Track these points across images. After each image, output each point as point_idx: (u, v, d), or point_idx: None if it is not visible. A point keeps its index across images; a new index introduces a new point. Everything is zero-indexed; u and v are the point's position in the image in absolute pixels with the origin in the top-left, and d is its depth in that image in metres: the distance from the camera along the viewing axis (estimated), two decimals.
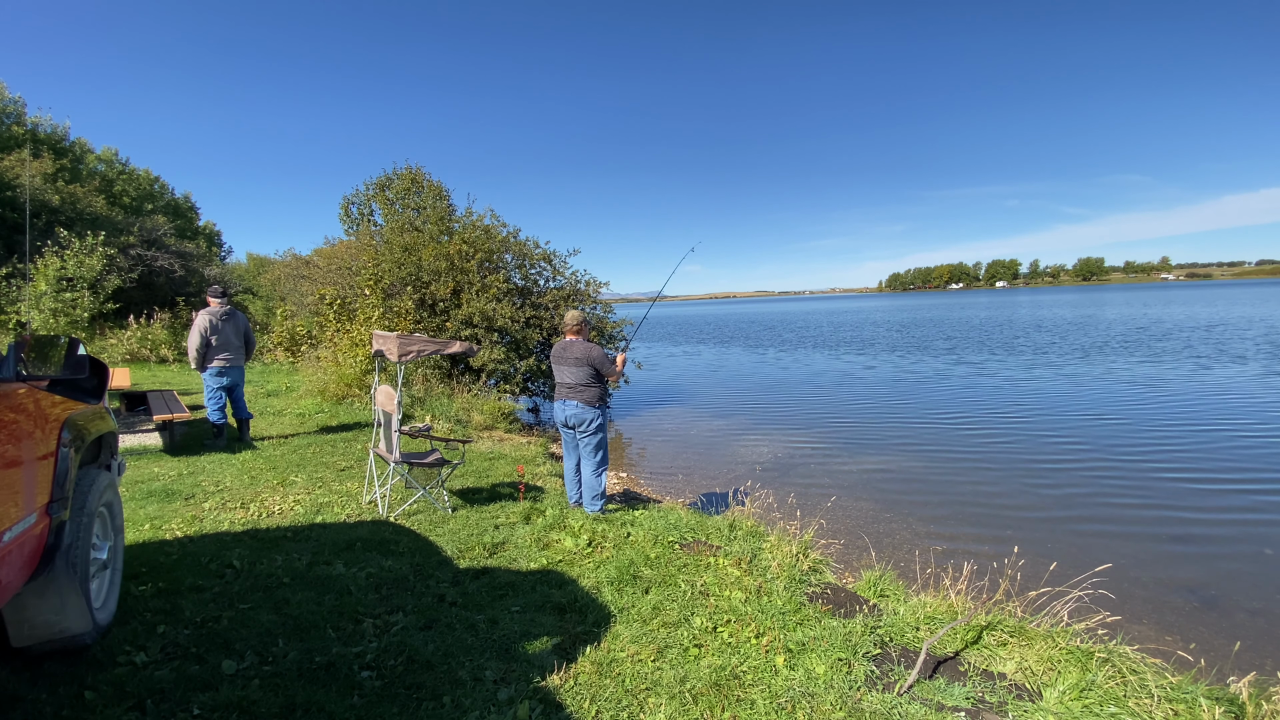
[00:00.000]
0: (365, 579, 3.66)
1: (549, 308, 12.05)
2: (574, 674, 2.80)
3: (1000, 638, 3.27)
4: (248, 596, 3.35)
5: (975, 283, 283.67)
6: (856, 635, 3.21)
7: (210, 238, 39.50)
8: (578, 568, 4.03)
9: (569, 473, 5.35)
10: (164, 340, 15.49)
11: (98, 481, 2.80)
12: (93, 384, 2.96)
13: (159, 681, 2.51)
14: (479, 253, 11.94)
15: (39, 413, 2.38)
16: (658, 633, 3.22)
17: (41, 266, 14.03)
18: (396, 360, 4.90)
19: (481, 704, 2.54)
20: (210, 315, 6.82)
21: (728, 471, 8.44)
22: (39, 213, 17.50)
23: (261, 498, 5.20)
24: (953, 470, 8.21)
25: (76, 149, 27.57)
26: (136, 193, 31.18)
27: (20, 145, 21.15)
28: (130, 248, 18.20)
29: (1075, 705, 2.69)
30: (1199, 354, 18.52)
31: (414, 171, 18.29)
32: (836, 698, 2.71)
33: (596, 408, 5.06)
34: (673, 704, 2.63)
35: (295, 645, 2.88)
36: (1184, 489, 7.17)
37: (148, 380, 11.78)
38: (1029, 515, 6.55)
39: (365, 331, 10.53)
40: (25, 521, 2.16)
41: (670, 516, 5.07)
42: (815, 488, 7.51)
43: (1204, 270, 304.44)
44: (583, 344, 5.09)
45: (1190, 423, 10.30)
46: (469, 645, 2.99)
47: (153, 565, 3.68)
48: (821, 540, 5.22)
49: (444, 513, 5.06)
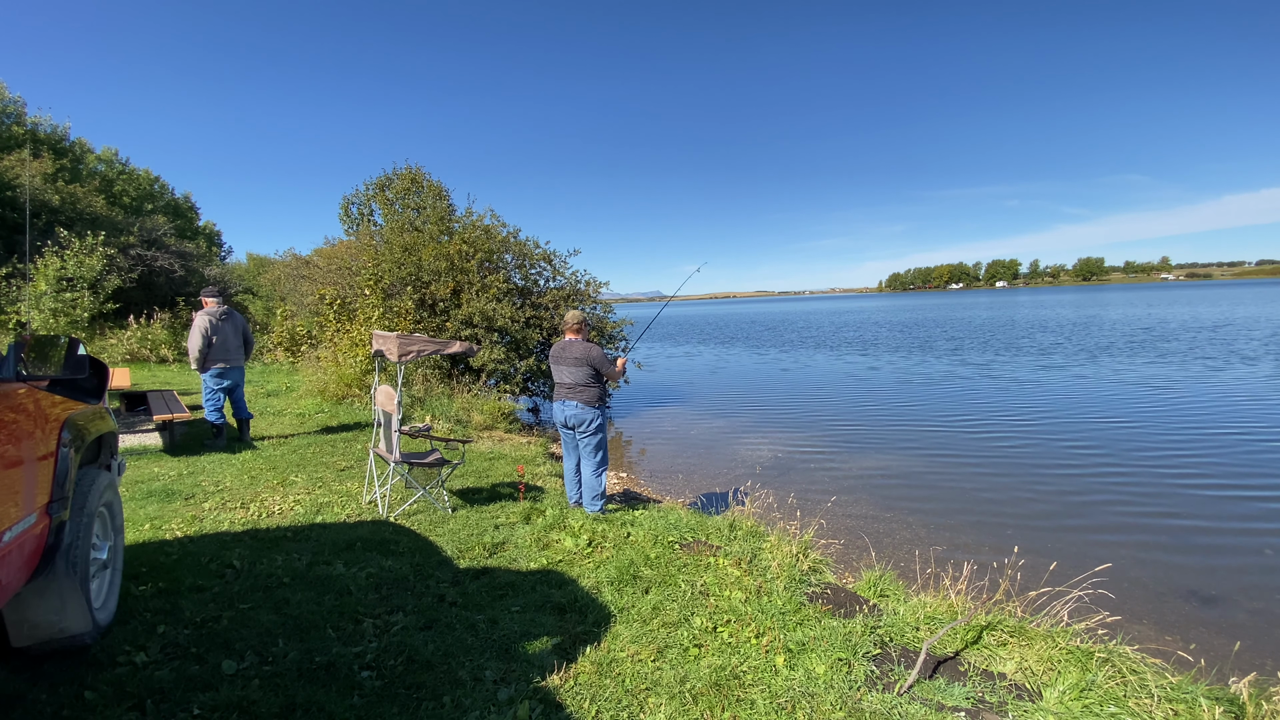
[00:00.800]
0: (365, 579, 3.66)
1: (549, 308, 12.05)
2: (574, 674, 2.80)
3: (1000, 638, 3.27)
4: (248, 596, 3.35)
5: (975, 283, 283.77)
6: (856, 635, 3.21)
7: (210, 238, 39.51)
8: (578, 568, 4.03)
9: (569, 473, 5.35)
10: (164, 340, 15.49)
11: (98, 481, 2.80)
12: (93, 384, 2.96)
13: (159, 681, 2.51)
14: (479, 253, 11.94)
15: (39, 413, 2.38)
16: (658, 633, 3.22)
17: (41, 266, 14.03)
18: (396, 360, 4.90)
19: (481, 704, 2.54)
20: (210, 316, 6.80)
21: (728, 471, 8.44)
22: (39, 213, 17.50)
23: (261, 498, 5.20)
24: (952, 470, 8.21)
25: (76, 149, 27.57)
26: (136, 193, 31.19)
27: (20, 145, 21.16)
28: (130, 248, 18.20)
29: (1075, 705, 2.69)
30: (1207, 355, 18.37)
31: (414, 171, 18.28)
32: (836, 698, 2.71)
33: (596, 408, 5.06)
34: (673, 704, 2.63)
35: (295, 645, 2.88)
36: (1184, 489, 7.16)
37: (148, 380, 11.78)
38: (1029, 515, 6.55)
39: (365, 331, 10.53)
40: (25, 521, 2.16)
41: (670, 516, 5.07)
42: (815, 488, 7.51)
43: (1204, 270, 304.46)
44: (582, 344, 5.08)
45: (1191, 423, 10.30)
46: (469, 645, 2.99)
47: (153, 565, 3.68)
48: (821, 540, 5.22)
49: (444, 513, 5.06)
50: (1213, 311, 39.63)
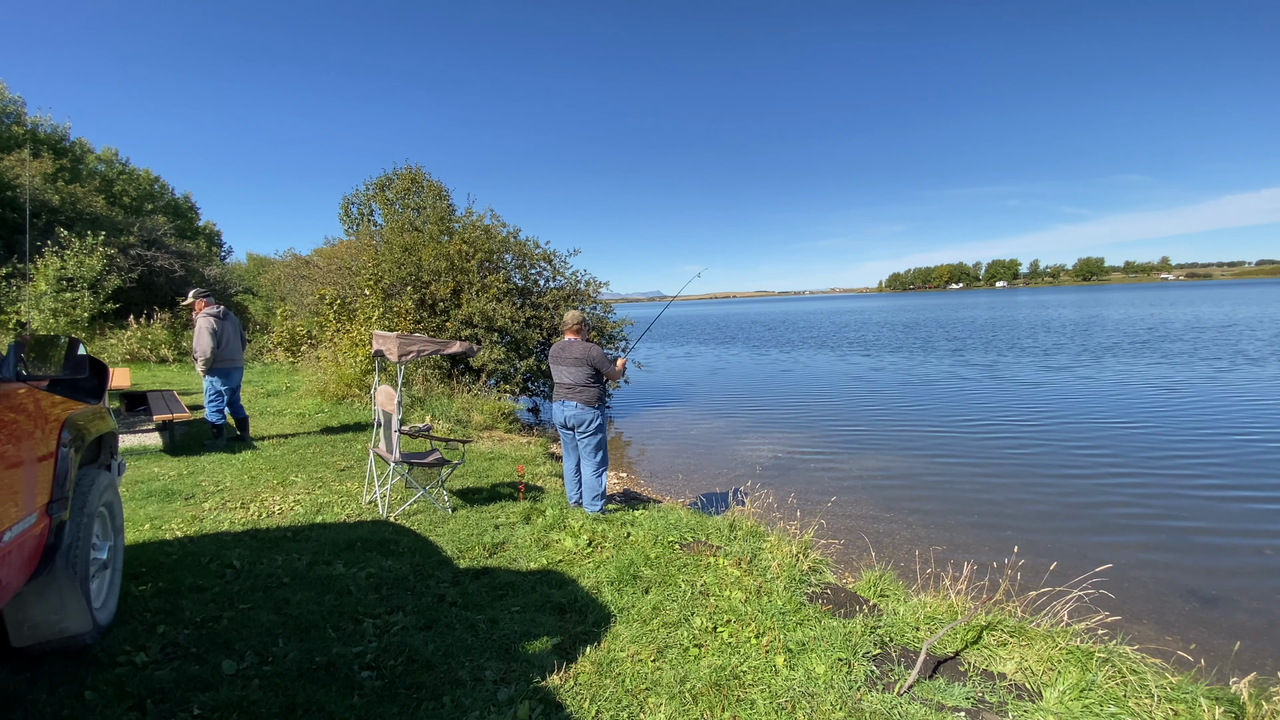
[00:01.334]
0: (365, 579, 3.66)
1: (549, 308, 12.05)
2: (574, 674, 2.80)
3: (1000, 638, 3.27)
4: (248, 596, 3.35)
5: (975, 283, 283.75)
6: (856, 635, 3.21)
7: (210, 238, 39.51)
8: (578, 568, 4.03)
9: (569, 473, 5.34)
10: (164, 340, 15.48)
11: (98, 481, 2.80)
12: (93, 384, 2.96)
13: (159, 681, 2.51)
14: (479, 253, 11.94)
15: (39, 413, 2.38)
16: (658, 633, 3.22)
17: (41, 266, 14.03)
18: (396, 360, 4.90)
19: (481, 704, 2.54)
20: (213, 317, 6.81)
21: (728, 471, 8.44)
22: (39, 213, 17.50)
23: (261, 498, 5.20)
24: (953, 471, 8.21)
25: (76, 149, 27.57)
26: (136, 193, 31.19)
27: (20, 145, 21.16)
28: (130, 248, 18.19)
29: (1075, 705, 2.69)
30: (1213, 356, 18.25)
31: (414, 171, 18.29)
32: (836, 698, 2.71)
33: (596, 408, 5.05)
34: (673, 704, 2.63)
35: (295, 645, 2.88)
36: (1184, 489, 7.16)
37: (148, 380, 11.78)
38: (1029, 515, 6.55)
39: (365, 331, 10.53)
40: (25, 521, 2.16)
41: (670, 516, 5.07)
42: (815, 488, 7.51)
43: (1204, 270, 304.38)
44: (582, 344, 5.08)
45: (1192, 424, 10.30)
46: (469, 645, 2.99)
47: (153, 565, 3.68)
48: (821, 540, 5.23)
49: (444, 513, 5.06)
50: (1216, 312, 39.53)
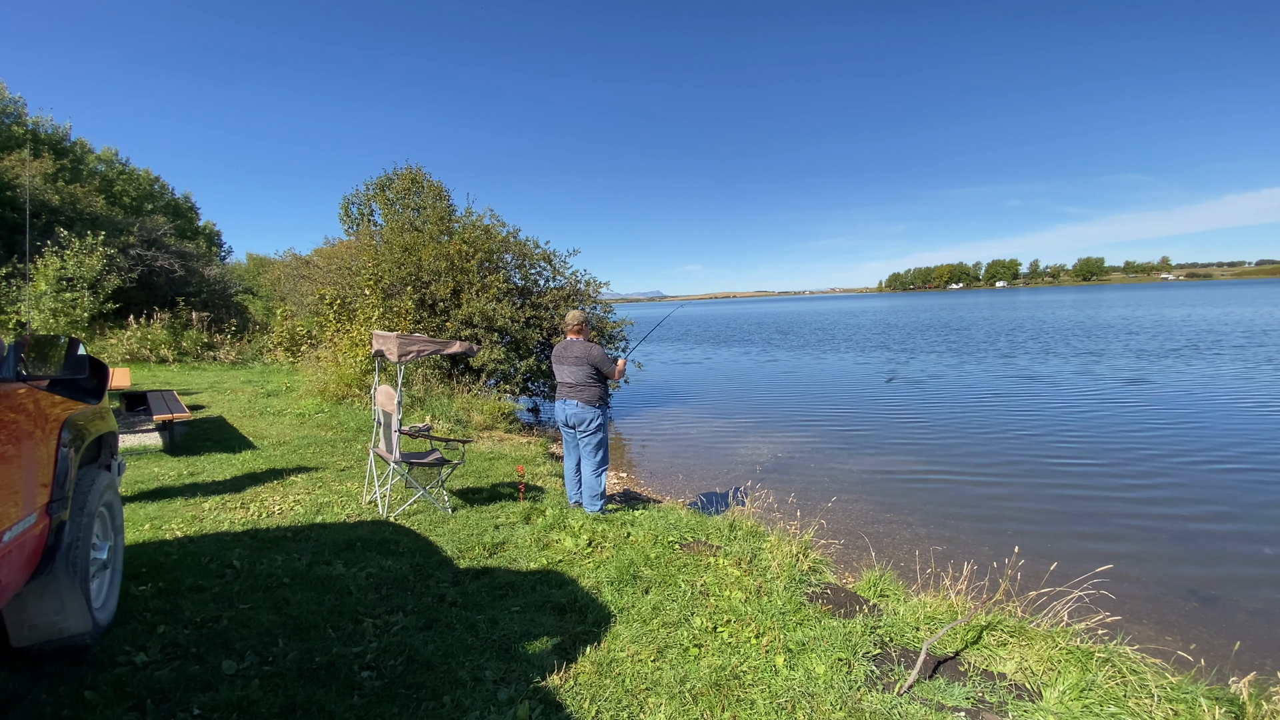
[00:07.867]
0: (365, 579, 3.66)
1: (549, 308, 12.05)
2: (574, 674, 2.80)
3: (1000, 638, 3.27)
4: (248, 596, 3.35)
5: (975, 283, 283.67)
6: (856, 635, 3.21)
7: (210, 238, 39.49)
8: (578, 568, 4.03)
9: (569, 472, 5.35)
10: (164, 340, 15.48)
11: (98, 481, 2.80)
12: (93, 384, 2.96)
13: (159, 681, 2.51)
14: (479, 253, 11.94)
15: (39, 413, 2.38)
16: (658, 633, 3.22)
17: (41, 266, 14.03)
18: (396, 360, 4.90)
19: (481, 704, 2.54)
20: None
21: (728, 471, 8.44)
22: (39, 213, 17.49)
23: (261, 498, 5.20)
24: (953, 471, 8.20)
25: (77, 149, 27.56)
26: (136, 193, 31.17)
27: (20, 145, 21.15)
28: (130, 248, 18.18)
29: (1075, 705, 2.69)
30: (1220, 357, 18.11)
31: (414, 171, 18.28)
32: (836, 698, 2.71)
33: (597, 407, 5.07)
34: (673, 704, 2.63)
35: (295, 645, 2.88)
36: (1184, 489, 7.16)
37: (148, 380, 11.78)
38: (1029, 515, 6.55)
39: (365, 331, 10.53)
40: (25, 521, 2.16)
41: (670, 516, 5.07)
42: (815, 488, 7.51)
43: (1204, 270, 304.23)
44: (583, 344, 5.09)
45: (1192, 424, 10.29)
46: (469, 645, 2.99)
47: (153, 565, 3.68)
48: (821, 540, 5.22)
49: (444, 513, 5.06)
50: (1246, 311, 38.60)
